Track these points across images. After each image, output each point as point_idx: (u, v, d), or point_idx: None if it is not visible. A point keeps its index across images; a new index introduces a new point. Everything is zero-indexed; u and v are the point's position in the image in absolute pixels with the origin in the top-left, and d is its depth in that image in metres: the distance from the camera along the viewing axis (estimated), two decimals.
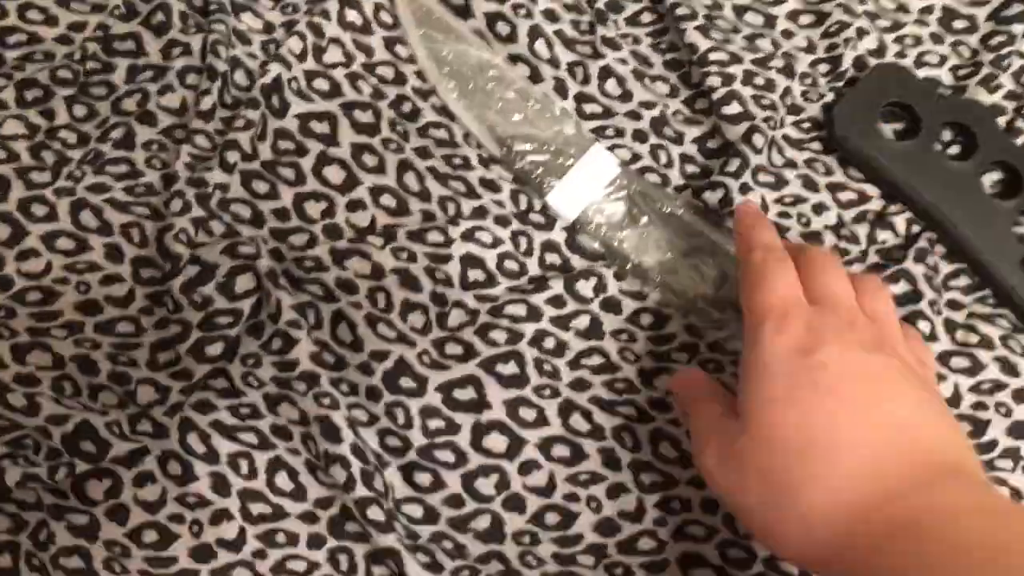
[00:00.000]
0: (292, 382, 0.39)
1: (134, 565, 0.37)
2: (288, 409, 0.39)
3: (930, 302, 0.41)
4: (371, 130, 0.44)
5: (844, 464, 0.31)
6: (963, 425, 0.40)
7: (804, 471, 0.31)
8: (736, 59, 0.44)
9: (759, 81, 0.44)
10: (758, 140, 0.43)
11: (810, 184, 0.44)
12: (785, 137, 0.44)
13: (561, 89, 0.44)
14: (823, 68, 0.45)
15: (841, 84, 0.45)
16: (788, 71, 0.45)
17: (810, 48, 0.46)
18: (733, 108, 0.43)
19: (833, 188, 0.44)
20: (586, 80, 0.45)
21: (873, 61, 0.45)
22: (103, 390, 0.39)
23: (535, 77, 0.44)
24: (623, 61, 0.45)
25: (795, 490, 0.31)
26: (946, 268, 0.43)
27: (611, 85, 0.45)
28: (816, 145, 0.44)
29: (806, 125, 0.45)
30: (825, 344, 0.33)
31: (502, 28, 0.45)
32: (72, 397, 0.39)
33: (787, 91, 0.45)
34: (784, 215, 0.43)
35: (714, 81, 0.44)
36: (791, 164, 0.44)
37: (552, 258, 0.42)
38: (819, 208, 0.43)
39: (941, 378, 0.41)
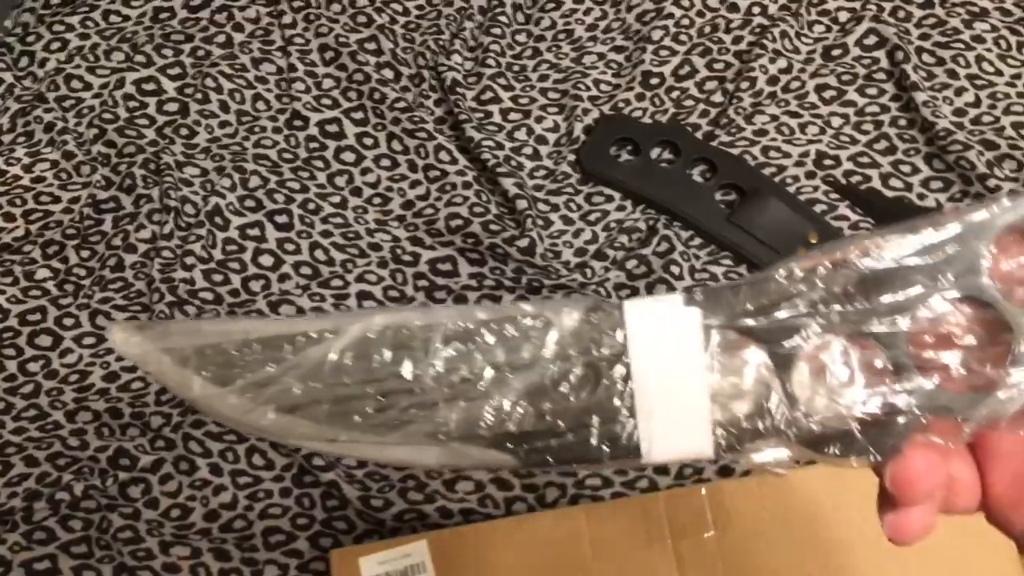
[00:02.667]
0: None
1: (167, 531, 0.55)
2: None
3: (680, 253, 0.61)
4: (287, 227, 0.64)
5: None
6: None
7: None
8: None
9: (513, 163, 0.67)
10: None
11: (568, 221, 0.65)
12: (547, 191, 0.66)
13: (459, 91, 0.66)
14: (564, 140, 0.67)
15: (576, 146, 0.67)
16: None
17: (555, 128, 0.68)
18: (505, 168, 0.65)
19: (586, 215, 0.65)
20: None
21: None
22: (129, 427, 0.59)
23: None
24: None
25: None
26: (685, 235, 0.63)
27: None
28: (570, 190, 0.66)
29: (560, 177, 0.66)
30: None
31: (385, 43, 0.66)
32: (109, 436, 0.58)
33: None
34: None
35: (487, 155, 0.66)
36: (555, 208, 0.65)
37: (422, 283, 0.62)
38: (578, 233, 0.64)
39: None
